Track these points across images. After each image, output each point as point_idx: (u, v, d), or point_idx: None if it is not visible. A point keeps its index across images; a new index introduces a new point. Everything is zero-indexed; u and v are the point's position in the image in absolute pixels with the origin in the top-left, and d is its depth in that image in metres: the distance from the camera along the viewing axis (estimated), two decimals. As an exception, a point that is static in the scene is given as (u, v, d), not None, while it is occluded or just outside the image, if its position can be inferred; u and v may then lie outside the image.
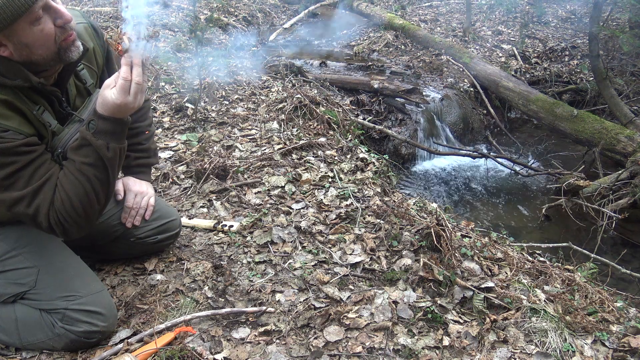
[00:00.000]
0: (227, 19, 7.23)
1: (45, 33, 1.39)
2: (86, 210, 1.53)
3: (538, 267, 2.26)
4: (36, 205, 1.48)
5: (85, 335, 1.66)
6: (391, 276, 2.13)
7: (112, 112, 1.47)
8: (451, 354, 1.77)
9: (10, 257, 1.65)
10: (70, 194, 1.49)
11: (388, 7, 9.47)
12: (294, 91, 4.07)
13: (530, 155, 5.46)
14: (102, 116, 1.47)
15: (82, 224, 1.55)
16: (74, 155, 1.52)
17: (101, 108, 1.47)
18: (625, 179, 3.85)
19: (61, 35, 1.43)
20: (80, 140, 1.50)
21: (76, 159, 1.50)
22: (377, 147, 4.81)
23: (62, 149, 1.59)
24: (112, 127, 1.49)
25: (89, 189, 1.51)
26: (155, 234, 2.07)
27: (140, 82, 1.45)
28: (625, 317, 1.98)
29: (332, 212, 2.58)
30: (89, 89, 1.72)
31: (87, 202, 1.52)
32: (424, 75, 6.23)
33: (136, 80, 1.44)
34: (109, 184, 1.56)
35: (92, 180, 1.51)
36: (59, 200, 1.50)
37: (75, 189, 1.50)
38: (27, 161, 1.47)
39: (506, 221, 4.21)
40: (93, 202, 1.53)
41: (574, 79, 6.71)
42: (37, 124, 1.52)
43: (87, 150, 1.49)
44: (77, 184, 1.50)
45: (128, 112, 1.50)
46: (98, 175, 1.52)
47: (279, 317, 1.90)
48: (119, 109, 1.47)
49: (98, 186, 1.52)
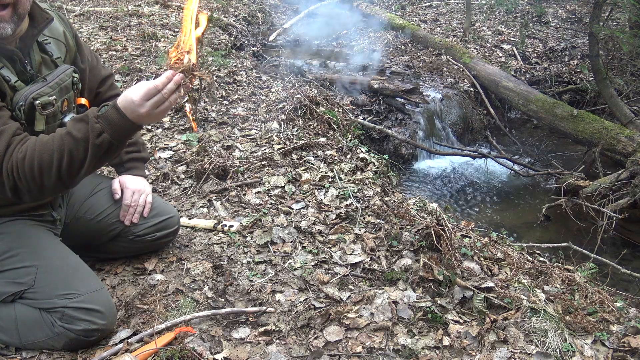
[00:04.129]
0: (227, 19, 7.23)
1: None
2: (42, 177, 1.46)
3: (538, 267, 2.26)
4: None
5: (84, 333, 1.65)
6: (391, 276, 2.13)
7: (125, 106, 1.44)
8: (451, 354, 1.77)
9: (9, 257, 1.65)
10: (37, 151, 1.45)
11: (388, 7, 9.48)
12: (294, 91, 4.07)
13: (530, 155, 5.46)
14: (115, 105, 1.45)
15: (33, 190, 1.49)
16: (69, 123, 1.49)
17: (120, 98, 1.46)
18: (625, 179, 3.85)
19: None
20: (83, 115, 1.48)
21: (68, 127, 1.48)
22: (377, 147, 4.81)
23: (23, 102, 1.57)
24: (117, 120, 1.45)
25: (57, 157, 1.45)
26: (153, 232, 2.07)
27: (166, 96, 1.42)
28: (625, 317, 1.98)
29: (332, 212, 2.58)
30: (56, 62, 1.73)
31: (47, 168, 1.45)
32: (424, 75, 6.22)
33: (165, 92, 1.42)
34: (79, 169, 1.48)
35: (64, 152, 1.45)
36: (22, 153, 1.45)
37: (43, 150, 1.45)
38: None
39: (506, 221, 4.21)
40: (52, 173, 1.46)
41: (574, 79, 6.71)
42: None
43: (80, 126, 1.46)
44: (49, 147, 1.45)
45: (138, 116, 1.45)
46: (73, 153, 1.45)
47: (279, 317, 1.90)
48: (131, 108, 1.43)
49: (66, 162, 1.46)
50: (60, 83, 1.69)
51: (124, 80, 4.20)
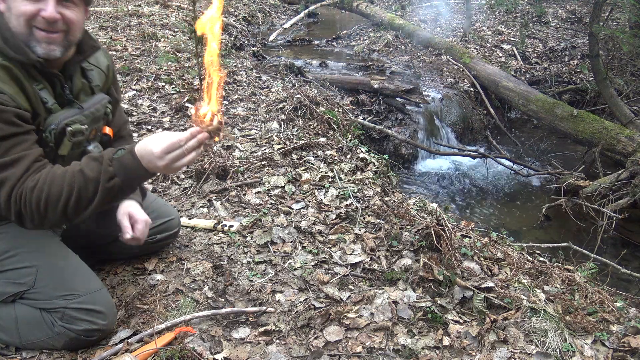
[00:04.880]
0: (227, 19, 7.23)
1: (22, 9, 1.46)
2: (47, 210, 1.46)
3: (538, 267, 2.26)
4: (2, 179, 1.45)
5: (85, 333, 1.66)
6: (391, 276, 2.13)
7: (142, 155, 1.43)
8: (451, 354, 1.77)
9: (9, 257, 1.65)
10: (47, 183, 1.45)
11: (388, 7, 9.48)
12: (294, 91, 4.07)
13: (530, 155, 5.46)
14: (132, 152, 1.45)
15: (36, 220, 1.48)
16: (83, 160, 1.50)
17: (139, 146, 1.45)
18: (625, 179, 3.85)
19: (37, 24, 1.48)
20: (98, 155, 1.49)
21: (81, 164, 1.48)
22: (377, 147, 4.80)
23: (55, 126, 1.59)
24: (132, 167, 1.44)
25: (65, 193, 1.44)
26: (154, 234, 2.07)
27: (187, 152, 1.41)
28: (625, 317, 1.98)
29: (332, 212, 2.58)
30: (94, 89, 1.77)
31: (53, 202, 1.45)
32: (424, 75, 6.23)
33: (187, 147, 1.40)
34: (86, 207, 1.48)
35: (73, 189, 1.45)
36: (34, 182, 1.45)
37: (54, 183, 1.45)
38: (10, 133, 1.45)
39: (506, 221, 4.21)
40: (58, 208, 1.45)
41: (574, 79, 6.72)
42: (33, 99, 1.53)
43: (94, 165, 1.46)
44: (60, 182, 1.45)
45: (155, 167, 1.43)
46: (82, 191, 1.45)
47: (279, 317, 1.90)
48: (149, 158, 1.42)
49: (74, 199, 1.45)
50: (94, 113, 1.73)
51: (124, 80, 4.20)
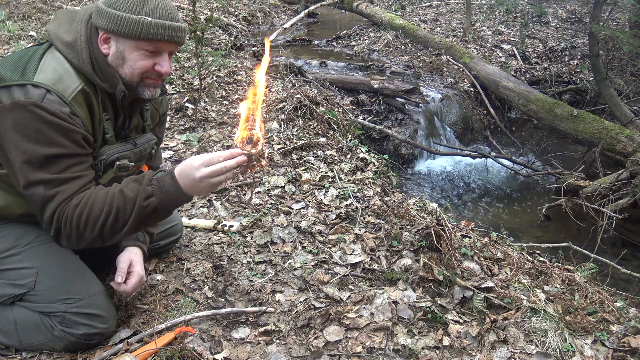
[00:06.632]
0: (227, 19, 7.23)
1: (141, 64, 1.55)
2: (86, 228, 1.48)
3: (538, 267, 2.25)
4: (54, 193, 1.46)
5: (85, 337, 1.66)
6: (391, 276, 2.13)
7: (181, 171, 1.45)
8: (451, 354, 1.77)
9: (10, 256, 1.65)
10: (90, 202, 1.47)
11: (388, 7, 9.48)
12: (294, 91, 4.07)
13: (530, 155, 5.46)
14: (172, 173, 1.47)
15: (73, 237, 1.50)
16: (124, 181, 1.51)
17: (179, 164, 1.48)
18: (625, 179, 3.85)
19: (150, 76, 1.58)
20: (139, 176, 1.51)
21: (122, 185, 1.50)
22: (377, 147, 4.80)
23: (107, 157, 1.64)
24: (169, 187, 1.45)
25: (105, 212, 1.46)
26: (157, 240, 2.08)
27: (224, 170, 1.42)
28: (625, 317, 1.98)
29: (332, 212, 2.58)
30: (145, 127, 1.83)
31: (93, 221, 1.47)
32: (424, 75, 6.22)
33: (225, 165, 1.42)
34: (121, 228, 1.49)
35: (112, 208, 1.46)
36: (78, 200, 1.47)
37: (96, 202, 1.47)
38: (73, 152, 1.49)
39: (506, 221, 4.21)
40: (96, 227, 1.47)
41: (574, 79, 6.72)
42: (97, 127, 1.59)
43: (134, 185, 1.48)
44: (101, 201, 1.47)
45: (192, 181, 1.44)
46: (120, 210, 1.46)
47: (279, 317, 1.90)
48: (188, 171, 1.43)
49: (112, 218, 1.47)
50: (142, 151, 1.78)
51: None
